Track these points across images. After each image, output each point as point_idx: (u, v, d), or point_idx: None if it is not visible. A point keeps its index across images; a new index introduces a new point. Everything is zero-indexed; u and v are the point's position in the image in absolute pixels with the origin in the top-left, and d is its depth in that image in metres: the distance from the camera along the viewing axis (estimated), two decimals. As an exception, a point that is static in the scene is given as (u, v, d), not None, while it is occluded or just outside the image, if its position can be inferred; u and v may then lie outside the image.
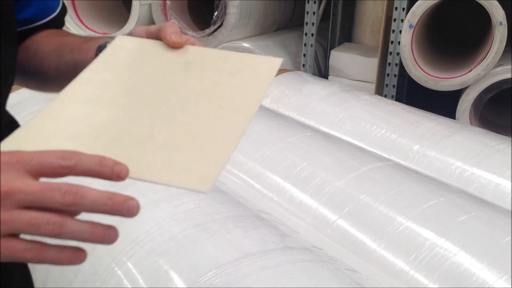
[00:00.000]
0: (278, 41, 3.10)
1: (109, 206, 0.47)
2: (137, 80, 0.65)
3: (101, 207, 0.46)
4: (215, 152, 0.55)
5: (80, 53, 0.74)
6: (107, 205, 0.46)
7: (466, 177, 1.71)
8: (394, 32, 2.64)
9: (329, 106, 2.18)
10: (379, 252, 1.32)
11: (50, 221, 0.45)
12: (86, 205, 0.46)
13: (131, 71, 0.66)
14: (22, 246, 0.45)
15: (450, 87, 2.54)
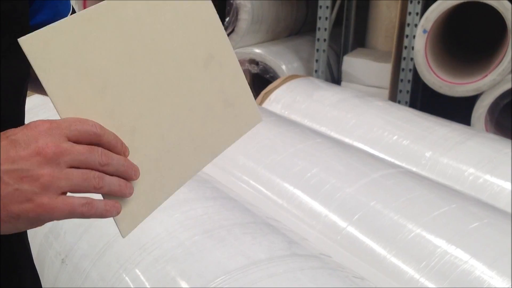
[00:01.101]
0: (290, 46, 3.10)
1: (125, 168, 0.55)
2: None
3: (120, 168, 0.54)
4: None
5: None
6: (124, 166, 0.54)
7: (479, 184, 1.69)
8: (408, 37, 2.62)
9: (340, 112, 2.17)
10: (389, 260, 1.31)
11: (96, 175, 0.51)
12: (114, 165, 0.53)
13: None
14: (78, 201, 0.51)
15: (464, 93, 2.51)
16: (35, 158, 0.49)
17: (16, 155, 0.49)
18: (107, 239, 1.26)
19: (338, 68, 3.08)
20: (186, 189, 1.36)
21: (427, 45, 2.51)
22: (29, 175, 0.49)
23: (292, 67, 2.90)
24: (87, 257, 1.27)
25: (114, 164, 0.53)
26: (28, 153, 0.49)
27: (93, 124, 0.53)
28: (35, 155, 0.49)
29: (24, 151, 0.49)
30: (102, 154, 0.52)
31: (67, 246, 1.32)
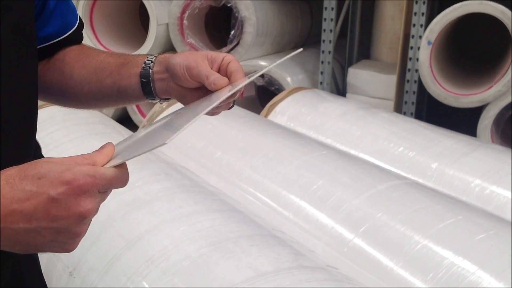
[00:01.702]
0: (295, 59, 3.11)
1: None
2: None
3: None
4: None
5: (121, 79, 0.79)
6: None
7: (485, 195, 1.69)
8: (413, 48, 2.63)
9: (346, 124, 2.17)
10: (396, 271, 1.31)
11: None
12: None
13: None
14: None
15: (470, 104, 2.51)
16: (74, 219, 0.55)
17: (58, 214, 0.54)
18: (114, 252, 1.27)
19: (343, 80, 3.09)
20: (193, 202, 1.37)
21: (432, 57, 2.51)
22: (65, 232, 0.55)
23: (297, 79, 2.91)
24: (94, 270, 1.28)
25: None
26: (68, 214, 0.54)
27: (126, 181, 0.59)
28: (75, 217, 0.55)
29: (64, 212, 0.54)
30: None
31: (75, 259, 1.32)
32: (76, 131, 1.80)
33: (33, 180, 0.54)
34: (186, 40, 2.88)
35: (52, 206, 0.53)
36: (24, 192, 0.53)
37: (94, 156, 0.59)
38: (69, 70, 0.83)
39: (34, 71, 0.74)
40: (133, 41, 3.04)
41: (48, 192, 0.53)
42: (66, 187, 0.54)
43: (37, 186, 0.53)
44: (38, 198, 0.53)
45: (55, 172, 0.54)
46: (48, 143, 1.70)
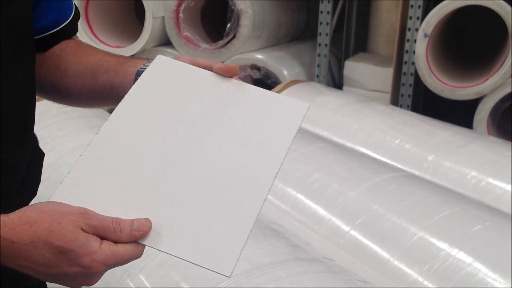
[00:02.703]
0: (292, 52, 3.11)
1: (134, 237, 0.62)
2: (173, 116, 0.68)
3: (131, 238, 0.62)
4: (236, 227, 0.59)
5: (117, 75, 0.78)
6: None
7: (482, 187, 1.69)
8: (409, 41, 2.62)
9: (342, 116, 2.17)
10: (393, 263, 1.31)
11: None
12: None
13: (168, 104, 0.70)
14: None
15: (466, 96, 2.51)
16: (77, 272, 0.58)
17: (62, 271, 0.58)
18: (111, 245, 1.27)
19: (339, 73, 3.08)
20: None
21: (428, 49, 2.51)
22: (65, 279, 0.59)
23: (293, 72, 2.90)
24: (91, 263, 1.27)
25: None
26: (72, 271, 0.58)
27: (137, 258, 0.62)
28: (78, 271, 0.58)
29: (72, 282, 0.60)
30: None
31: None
32: (71, 125, 1.79)
33: (55, 252, 0.57)
34: (182, 34, 2.87)
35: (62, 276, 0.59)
36: (43, 257, 0.57)
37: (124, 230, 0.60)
38: (64, 65, 0.82)
39: (31, 65, 0.74)
40: (129, 34, 3.03)
41: (63, 267, 0.58)
42: (80, 269, 0.58)
43: (56, 258, 0.57)
44: (53, 269, 0.58)
45: (76, 253, 0.57)
46: (44, 136, 1.70)
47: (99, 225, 0.59)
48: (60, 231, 0.57)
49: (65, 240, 0.57)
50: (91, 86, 0.80)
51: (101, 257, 0.58)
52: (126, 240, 0.59)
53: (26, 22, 0.70)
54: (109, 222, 0.59)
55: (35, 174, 0.81)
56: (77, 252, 0.57)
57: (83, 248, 0.57)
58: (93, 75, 0.80)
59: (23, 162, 0.72)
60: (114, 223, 0.59)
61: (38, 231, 0.57)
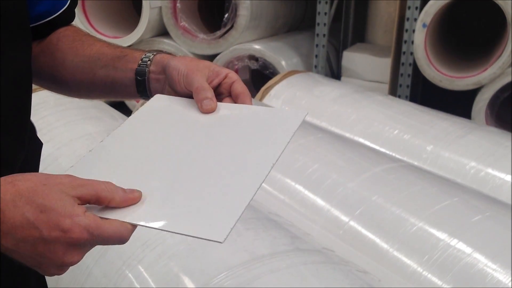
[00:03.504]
0: (290, 42, 3.09)
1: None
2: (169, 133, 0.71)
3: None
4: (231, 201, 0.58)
5: (116, 71, 0.77)
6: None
7: (480, 177, 1.69)
8: (407, 31, 2.61)
9: (341, 107, 2.16)
10: (392, 254, 1.31)
11: None
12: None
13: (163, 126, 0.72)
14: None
15: (465, 87, 2.51)
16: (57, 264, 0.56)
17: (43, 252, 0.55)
18: (109, 236, 1.26)
19: (337, 64, 3.07)
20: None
21: (427, 39, 2.50)
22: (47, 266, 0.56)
23: (291, 63, 2.89)
24: (89, 254, 1.26)
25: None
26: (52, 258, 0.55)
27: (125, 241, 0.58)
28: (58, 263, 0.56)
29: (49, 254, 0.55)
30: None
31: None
32: (69, 115, 1.78)
33: (35, 210, 0.54)
34: (179, 24, 2.85)
35: (40, 244, 0.54)
36: (22, 218, 0.54)
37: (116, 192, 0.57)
38: (61, 56, 0.80)
39: (27, 54, 0.72)
40: (126, 24, 3.01)
41: (41, 230, 0.54)
42: (59, 234, 0.54)
43: (35, 219, 0.53)
44: (31, 231, 0.53)
45: (56, 213, 0.54)
46: (42, 127, 1.69)
47: (87, 183, 0.56)
48: (44, 191, 0.54)
49: (48, 199, 0.54)
50: (90, 80, 0.79)
51: (84, 222, 0.54)
52: (118, 199, 0.57)
53: (21, 9, 0.69)
54: (100, 182, 0.57)
55: (33, 164, 0.80)
56: (58, 211, 0.53)
57: (65, 209, 0.54)
58: (91, 68, 0.79)
59: (19, 153, 0.72)
60: (104, 182, 0.57)
61: (21, 189, 0.54)
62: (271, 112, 0.75)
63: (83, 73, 0.79)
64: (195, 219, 0.56)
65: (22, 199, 0.54)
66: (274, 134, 0.69)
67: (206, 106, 0.71)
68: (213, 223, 0.55)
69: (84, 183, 0.56)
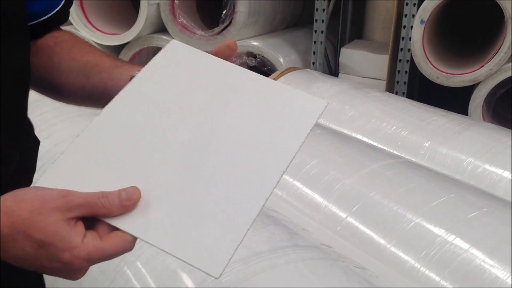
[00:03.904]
0: (288, 39, 3.09)
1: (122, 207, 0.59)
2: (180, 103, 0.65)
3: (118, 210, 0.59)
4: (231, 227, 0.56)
5: (111, 78, 0.76)
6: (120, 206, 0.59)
7: (478, 173, 1.70)
8: (405, 28, 2.61)
9: (339, 103, 2.17)
10: (390, 250, 1.31)
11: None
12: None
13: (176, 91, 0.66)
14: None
15: (461, 83, 2.51)
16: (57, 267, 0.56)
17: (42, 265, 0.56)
18: (107, 233, 1.26)
19: (335, 60, 3.07)
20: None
21: (425, 36, 2.50)
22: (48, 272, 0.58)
23: (289, 60, 2.89)
24: (88, 250, 1.27)
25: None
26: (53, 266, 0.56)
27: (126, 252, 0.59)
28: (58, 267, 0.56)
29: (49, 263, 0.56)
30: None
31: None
32: (67, 112, 1.78)
33: (34, 245, 0.55)
34: (177, 20, 2.85)
35: (45, 270, 0.57)
36: (23, 252, 0.55)
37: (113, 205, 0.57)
38: (58, 60, 0.80)
39: (26, 51, 0.72)
40: (124, 21, 3.00)
41: (43, 262, 0.56)
42: (61, 265, 0.56)
43: (36, 253, 0.55)
44: (34, 262, 0.56)
45: (55, 248, 0.55)
46: (39, 124, 1.69)
47: (84, 202, 0.56)
48: (40, 223, 0.54)
49: (45, 233, 0.54)
50: (82, 85, 0.78)
51: (83, 253, 0.55)
52: (117, 212, 0.56)
53: (19, 6, 0.69)
54: (95, 197, 0.56)
55: (30, 161, 0.80)
56: (56, 246, 0.54)
57: (63, 243, 0.55)
58: (86, 74, 0.78)
59: (16, 151, 0.72)
60: (100, 197, 0.57)
61: (17, 222, 0.54)
62: (292, 95, 0.69)
63: (78, 77, 0.78)
64: (194, 244, 0.55)
65: (20, 233, 0.55)
66: (290, 126, 0.64)
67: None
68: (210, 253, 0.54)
69: (80, 203, 0.56)
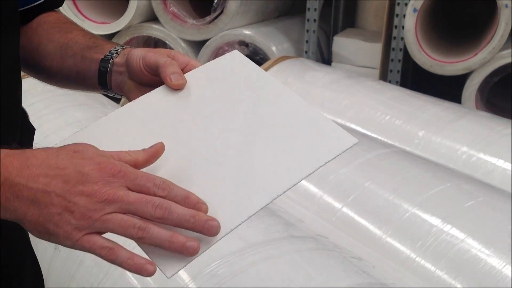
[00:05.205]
0: (280, 27, 3.07)
1: (192, 224, 0.53)
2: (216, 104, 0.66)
3: (184, 224, 0.53)
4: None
5: (83, 62, 0.74)
6: (190, 222, 0.53)
7: (472, 162, 1.69)
8: (398, 16, 2.60)
9: (332, 93, 2.15)
10: (385, 240, 1.31)
11: (136, 225, 0.52)
12: (173, 220, 0.53)
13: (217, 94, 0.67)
14: (101, 243, 0.53)
15: (455, 72, 2.51)
16: (84, 198, 0.52)
17: (72, 187, 0.52)
18: (100, 225, 1.25)
19: (328, 49, 3.06)
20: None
21: (418, 24, 2.49)
22: (72, 210, 0.52)
23: (282, 48, 2.87)
24: (81, 243, 1.26)
25: (173, 219, 0.53)
26: (82, 190, 0.52)
27: (159, 183, 0.54)
28: (86, 196, 0.52)
29: (79, 187, 0.52)
30: (158, 207, 0.53)
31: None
32: (58, 102, 1.75)
33: (69, 152, 0.54)
34: (168, 9, 2.82)
35: (73, 178, 0.53)
36: (56, 157, 0.54)
37: (138, 153, 0.57)
38: (37, 41, 0.78)
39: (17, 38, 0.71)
40: (114, 10, 2.97)
41: (77, 165, 0.53)
42: (97, 167, 0.53)
43: (71, 157, 0.54)
44: (66, 168, 0.53)
45: (91, 152, 0.54)
46: (30, 114, 1.66)
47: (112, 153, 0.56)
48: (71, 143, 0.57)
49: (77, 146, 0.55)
50: (59, 68, 0.77)
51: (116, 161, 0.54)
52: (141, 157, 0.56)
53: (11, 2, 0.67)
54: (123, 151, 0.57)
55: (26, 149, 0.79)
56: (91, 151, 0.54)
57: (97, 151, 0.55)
58: (61, 56, 0.76)
59: (12, 139, 0.70)
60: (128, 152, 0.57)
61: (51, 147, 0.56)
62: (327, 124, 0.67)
63: (53, 60, 0.77)
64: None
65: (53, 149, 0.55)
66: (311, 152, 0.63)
67: (177, 81, 0.65)
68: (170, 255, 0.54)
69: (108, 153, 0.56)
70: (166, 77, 0.65)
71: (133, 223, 0.52)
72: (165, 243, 0.53)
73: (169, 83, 0.65)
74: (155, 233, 0.52)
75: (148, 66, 0.67)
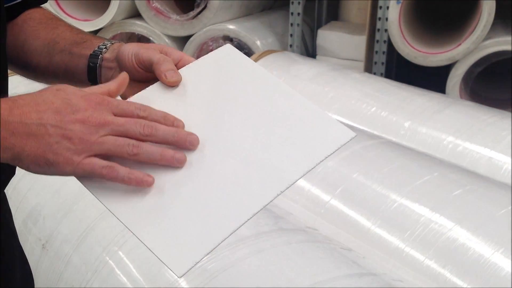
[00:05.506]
0: (264, 22, 3.06)
1: (176, 138, 0.59)
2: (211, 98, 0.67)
3: (169, 138, 0.59)
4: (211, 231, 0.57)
5: (72, 58, 0.74)
6: (174, 136, 0.59)
7: (458, 152, 1.70)
8: (382, 8, 2.60)
9: (318, 85, 2.15)
10: (374, 230, 1.31)
11: (130, 143, 0.57)
12: (159, 136, 0.58)
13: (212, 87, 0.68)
14: (101, 163, 0.56)
15: (439, 62, 2.52)
16: (79, 124, 0.56)
17: (65, 117, 0.56)
18: (88, 223, 1.24)
19: (312, 42, 3.06)
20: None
21: (401, 16, 2.50)
22: (69, 136, 0.55)
23: (266, 43, 2.86)
24: (68, 241, 1.25)
25: (159, 135, 0.58)
26: (75, 118, 0.56)
27: (139, 106, 0.59)
28: (80, 122, 0.56)
29: (71, 116, 0.56)
30: (145, 126, 0.58)
31: (47, 231, 1.29)
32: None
33: (52, 90, 0.58)
34: (151, 5, 2.80)
35: (63, 108, 0.56)
36: (41, 96, 0.57)
37: (109, 84, 0.62)
38: (23, 38, 0.78)
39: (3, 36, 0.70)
40: (97, 7, 2.94)
41: (64, 99, 0.57)
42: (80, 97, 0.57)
43: (55, 94, 0.57)
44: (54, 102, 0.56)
45: (72, 88, 0.58)
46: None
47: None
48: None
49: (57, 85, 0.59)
50: (46, 64, 0.76)
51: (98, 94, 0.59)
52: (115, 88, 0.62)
53: None
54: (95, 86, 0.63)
55: None
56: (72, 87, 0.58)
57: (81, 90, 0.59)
58: (49, 52, 0.76)
59: None
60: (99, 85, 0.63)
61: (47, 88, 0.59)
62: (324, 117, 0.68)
63: (41, 56, 0.76)
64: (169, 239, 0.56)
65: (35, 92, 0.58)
66: (310, 147, 0.64)
67: (172, 78, 0.65)
68: (181, 252, 0.55)
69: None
70: (161, 74, 0.65)
71: (127, 142, 0.57)
72: (157, 156, 0.57)
73: (165, 81, 0.65)
74: (148, 148, 0.57)
75: (141, 63, 0.67)
